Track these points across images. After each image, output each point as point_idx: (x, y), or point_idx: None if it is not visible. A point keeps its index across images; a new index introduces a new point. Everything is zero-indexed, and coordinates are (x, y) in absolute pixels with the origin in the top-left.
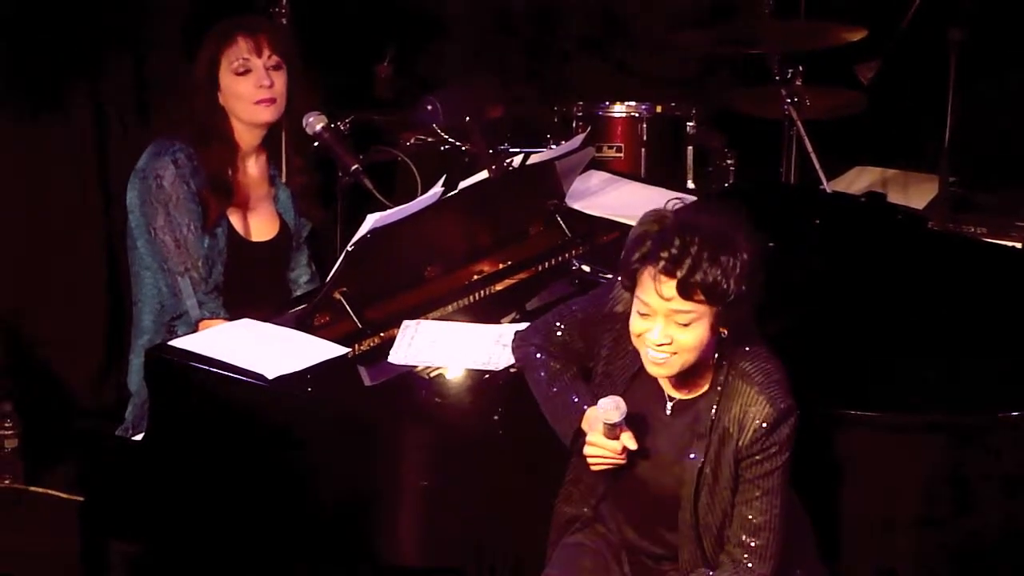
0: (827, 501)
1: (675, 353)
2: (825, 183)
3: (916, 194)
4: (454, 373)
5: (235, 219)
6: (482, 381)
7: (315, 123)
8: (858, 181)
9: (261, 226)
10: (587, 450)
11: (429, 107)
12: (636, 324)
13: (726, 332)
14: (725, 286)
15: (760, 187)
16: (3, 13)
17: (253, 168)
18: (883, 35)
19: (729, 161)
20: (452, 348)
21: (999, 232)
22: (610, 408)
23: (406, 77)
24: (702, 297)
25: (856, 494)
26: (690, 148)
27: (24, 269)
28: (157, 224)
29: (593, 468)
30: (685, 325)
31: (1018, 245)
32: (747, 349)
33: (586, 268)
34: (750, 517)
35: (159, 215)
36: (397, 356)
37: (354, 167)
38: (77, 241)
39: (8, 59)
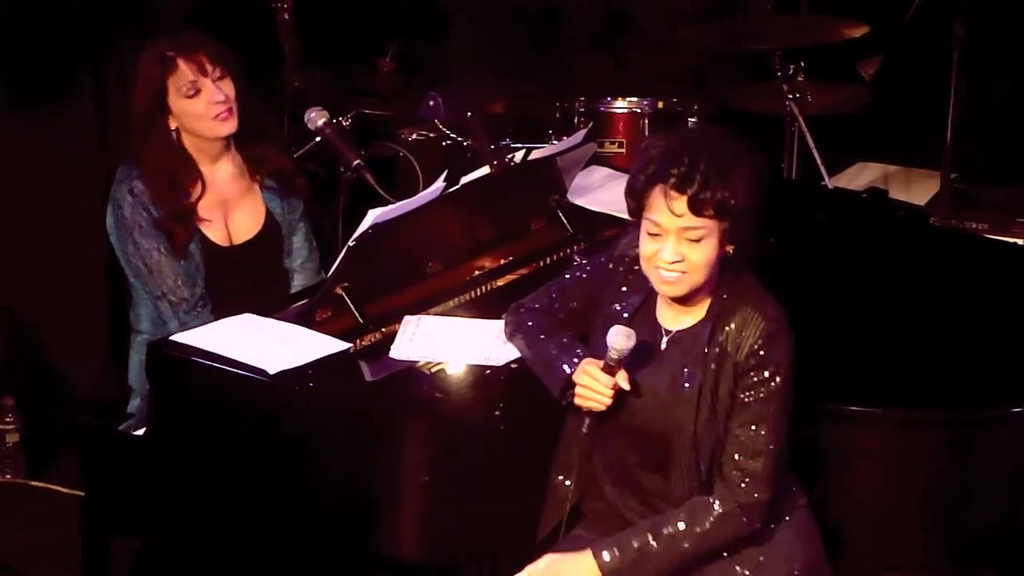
0: (830, 497)
1: (686, 272)
2: (827, 179)
3: (918, 190)
4: (455, 368)
5: (211, 229)
6: (483, 376)
7: (317, 118)
8: (860, 177)
9: (243, 225)
10: (579, 378)
11: (431, 102)
12: (647, 246)
13: (732, 250)
14: (734, 201)
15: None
16: (5, 7)
17: (224, 171)
18: (885, 31)
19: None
20: (453, 343)
21: (1001, 228)
22: (621, 336)
23: (408, 72)
24: (712, 212)
25: (858, 490)
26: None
27: (25, 264)
28: (128, 251)
29: (579, 402)
30: (696, 241)
31: (1020, 241)
32: (746, 280)
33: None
34: (746, 441)
35: (128, 243)
36: (398, 351)
37: (356, 162)
38: (78, 236)
39: (9, 54)
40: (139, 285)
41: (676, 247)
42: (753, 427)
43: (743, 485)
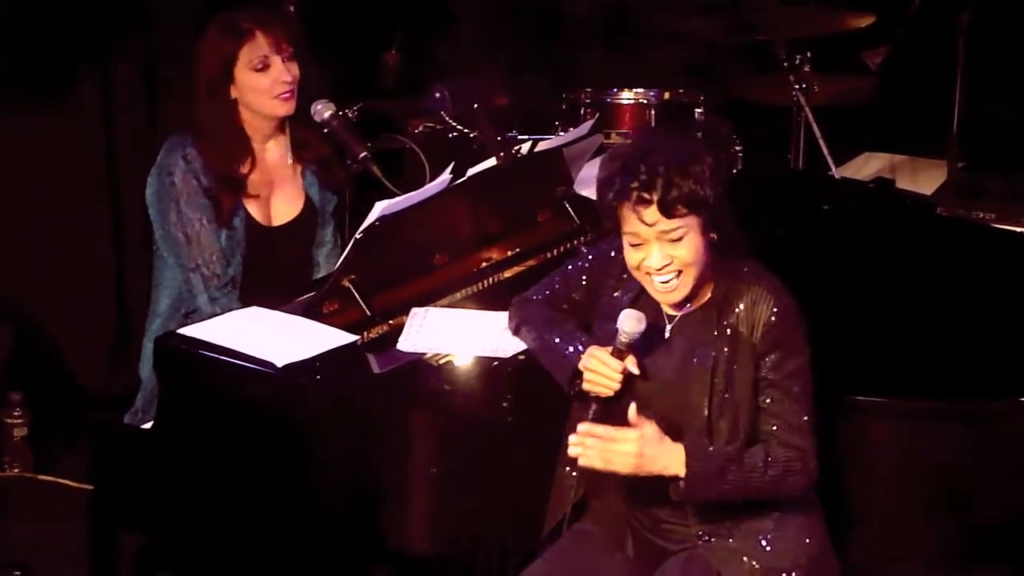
0: (838, 487)
1: (679, 272)
2: (834, 169)
3: (925, 180)
4: (463, 360)
5: (255, 206)
6: (491, 368)
7: (323, 111)
8: (866, 167)
9: (283, 208)
10: (588, 363)
11: (437, 94)
12: (632, 257)
13: (716, 236)
14: (702, 192)
15: (768, 174)
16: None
17: (273, 151)
18: (891, 21)
19: (737, 148)
20: (461, 335)
21: (1008, 218)
22: (632, 319)
23: (414, 64)
24: (684, 210)
25: (867, 481)
26: (699, 134)
27: (33, 257)
28: (170, 220)
29: (587, 388)
30: (678, 240)
31: None
32: (743, 261)
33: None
34: (784, 416)
35: (171, 211)
36: (406, 344)
37: (362, 154)
38: (86, 229)
39: (17, 44)
40: (171, 258)
41: (661, 251)
42: (788, 404)
43: (790, 459)
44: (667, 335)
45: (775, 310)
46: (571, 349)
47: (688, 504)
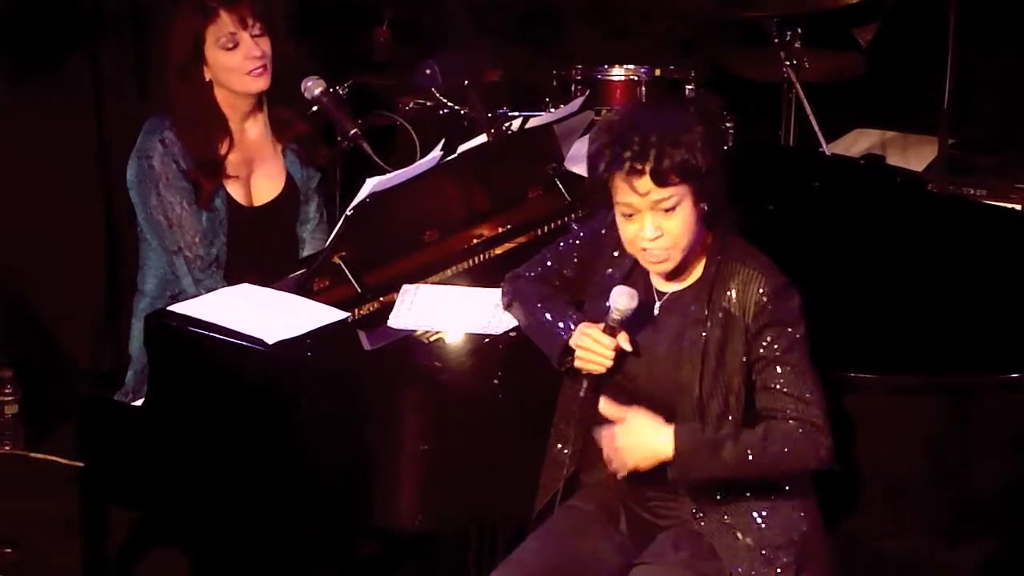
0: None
1: (673, 242)
2: (824, 146)
3: (915, 156)
4: (453, 337)
5: (235, 187)
6: (482, 345)
7: (313, 87)
8: (857, 144)
9: (265, 187)
10: (579, 340)
11: (428, 71)
12: (625, 229)
13: (707, 207)
14: (694, 161)
15: (759, 150)
16: None
17: (252, 130)
18: None
19: (728, 124)
20: (451, 312)
21: (999, 194)
22: (624, 296)
23: (405, 41)
24: (677, 179)
25: (858, 456)
26: (690, 107)
27: (23, 235)
28: (151, 204)
29: (579, 365)
30: (670, 210)
31: (1018, 207)
32: (733, 240)
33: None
34: (791, 391)
35: (152, 195)
36: (396, 320)
37: (353, 131)
38: (76, 206)
39: (6, 25)
40: (154, 241)
41: (653, 222)
42: (791, 379)
43: (793, 432)
44: (656, 312)
45: (767, 289)
46: (562, 326)
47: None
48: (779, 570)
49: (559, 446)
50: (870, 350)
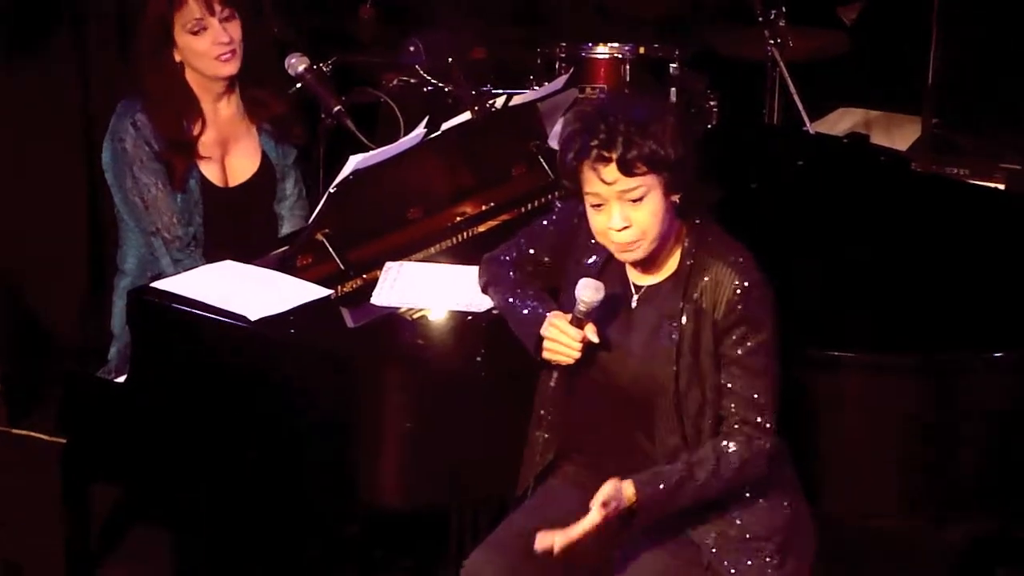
0: (811, 444)
1: (640, 234)
2: (808, 125)
3: (899, 136)
4: (437, 315)
5: (209, 167)
6: (465, 323)
7: (297, 64)
8: (841, 123)
9: (240, 167)
10: (547, 331)
11: (412, 48)
12: (595, 220)
13: (678, 199)
14: (663, 152)
15: (743, 128)
16: None
17: (225, 111)
18: None
19: (712, 103)
20: (435, 290)
21: (982, 174)
22: (589, 288)
23: (389, 18)
24: (644, 168)
25: (840, 436)
26: (673, 90)
27: (4, 212)
28: (126, 186)
29: (547, 356)
30: (638, 200)
31: (1001, 187)
32: (710, 232)
33: None
34: (742, 394)
35: (127, 177)
36: (379, 298)
37: (336, 108)
38: (59, 182)
39: None
40: (132, 222)
41: (621, 212)
42: (747, 381)
43: (747, 437)
44: (633, 306)
45: (740, 286)
46: (534, 315)
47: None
48: (766, 559)
49: (537, 433)
50: (853, 329)
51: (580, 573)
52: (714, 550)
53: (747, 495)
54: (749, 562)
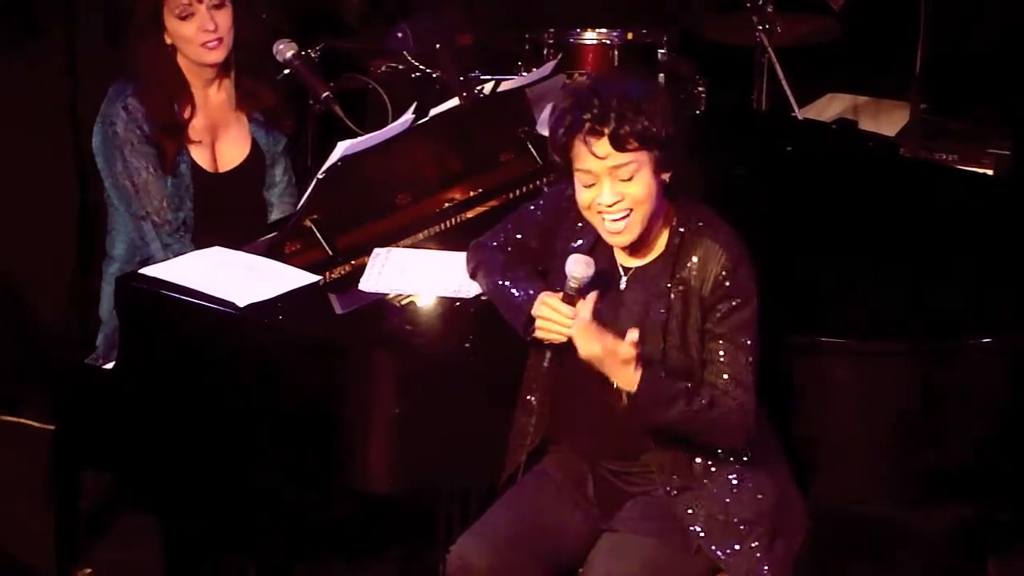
0: (800, 429)
1: (630, 211)
2: (796, 110)
3: (887, 121)
4: (425, 301)
5: (200, 152)
6: (453, 309)
7: (285, 50)
8: (829, 108)
9: (230, 153)
10: (539, 310)
11: (400, 34)
12: (583, 196)
13: (668, 177)
14: (655, 129)
15: (731, 114)
16: None
17: (216, 96)
18: None
19: (700, 88)
20: (423, 276)
21: (971, 159)
22: (580, 264)
23: (377, 4)
24: (636, 144)
25: (828, 422)
26: (661, 75)
27: None
28: (116, 170)
29: (539, 335)
30: (629, 179)
31: (989, 172)
32: (698, 213)
33: None
34: (725, 369)
35: (117, 161)
36: (368, 284)
37: (325, 94)
38: (48, 169)
39: None
40: (122, 206)
41: (612, 188)
42: (732, 355)
43: (734, 402)
44: (622, 287)
45: (726, 267)
46: (524, 296)
47: (652, 463)
48: (754, 543)
49: (524, 417)
50: (841, 315)
51: (567, 559)
52: (703, 535)
53: (735, 480)
54: (738, 546)
